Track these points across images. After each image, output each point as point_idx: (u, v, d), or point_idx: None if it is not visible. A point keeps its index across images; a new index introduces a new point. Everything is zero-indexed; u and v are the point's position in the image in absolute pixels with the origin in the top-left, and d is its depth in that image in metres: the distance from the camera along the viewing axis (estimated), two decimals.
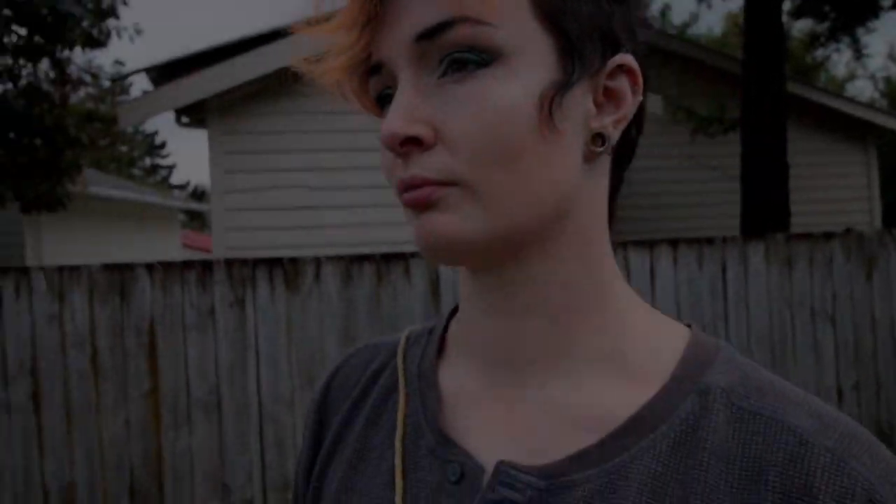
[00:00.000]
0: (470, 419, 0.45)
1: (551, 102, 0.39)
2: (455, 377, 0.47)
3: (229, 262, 3.12)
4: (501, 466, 0.41)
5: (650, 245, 3.40)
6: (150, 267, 3.08)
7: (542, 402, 0.43)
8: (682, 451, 0.39)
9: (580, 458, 0.40)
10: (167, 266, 3.08)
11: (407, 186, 0.40)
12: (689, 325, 0.46)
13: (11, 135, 5.00)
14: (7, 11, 4.59)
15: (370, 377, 0.51)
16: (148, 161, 31.91)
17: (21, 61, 4.99)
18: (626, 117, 0.43)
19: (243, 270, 3.11)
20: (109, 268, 3.08)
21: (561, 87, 0.40)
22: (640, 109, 0.45)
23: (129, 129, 24.25)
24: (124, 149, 25.75)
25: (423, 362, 0.49)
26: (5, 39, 4.72)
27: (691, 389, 0.41)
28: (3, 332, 3.10)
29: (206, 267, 3.10)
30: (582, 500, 0.39)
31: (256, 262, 3.13)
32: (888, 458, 0.40)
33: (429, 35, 0.39)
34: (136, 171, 28.94)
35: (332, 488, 0.48)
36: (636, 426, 0.40)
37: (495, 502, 0.40)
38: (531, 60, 0.39)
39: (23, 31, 4.88)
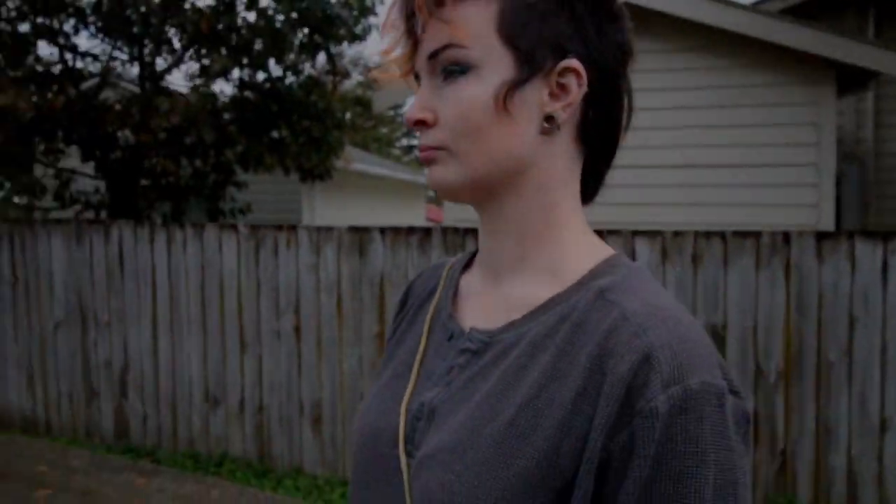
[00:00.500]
0: (467, 305, 0.70)
1: (504, 96, 0.60)
2: (468, 280, 0.73)
3: (444, 230, 3.56)
4: (469, 330, 0.66)
5: (884, 237, 3.06)
6: (382, 231, 3.65)
7: (504, 295, 0.66)
8: (560, 323, 0.59)
9: (508, 326, 0.63)
10: (395, 231, 3.63)
11: (420, 150, 0.64)
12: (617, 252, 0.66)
13: (294, 118, 6.09)
14: (294, 15, 5.60)
15: (431, 280, 0.78)
16: (405, 141, 35.16)
17: (303, 57, 6.04)
18: (573, 103, 0.62)
19: (455, 238, 3.53)
20: (353, 230, 3.72)
21: (513, 86, 0.60)
22: (608, 97, 0.64)
23: (390, 113, 26.98)
24: (385, 130, 28.74)
25: (456, 272, 0.75)
26: (294, 40, 5.76)
27: (584, 287, 0.61)
28: (277, 275, 3.93)
29: (426, 233, 3.58)
30: (500, 348, 0.62)
31: (467, 231, 3.53)
32: (683, 336, 0.54)
33: (433, 56, 0.62)
34: (394, 151, 32.14)
35: (392, 343, 0.77)
36: (542, 308, 0.62)
37: (461, 349, 0.65)
38: (493, 69, 0.60)
39: (305, 31, 5.90)
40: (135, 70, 6.30)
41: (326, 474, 3.89)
